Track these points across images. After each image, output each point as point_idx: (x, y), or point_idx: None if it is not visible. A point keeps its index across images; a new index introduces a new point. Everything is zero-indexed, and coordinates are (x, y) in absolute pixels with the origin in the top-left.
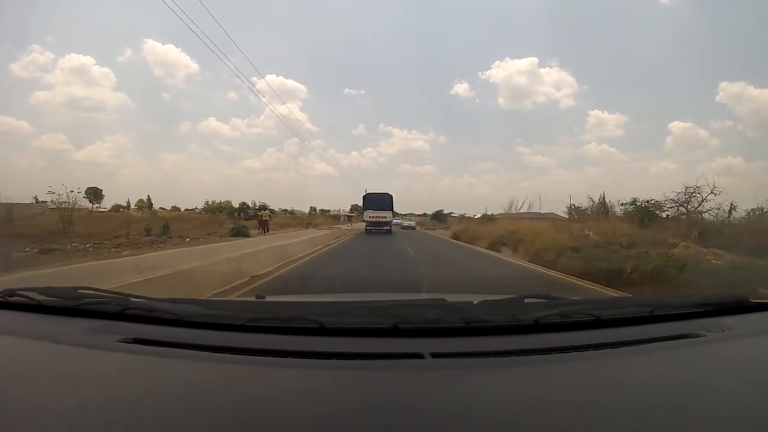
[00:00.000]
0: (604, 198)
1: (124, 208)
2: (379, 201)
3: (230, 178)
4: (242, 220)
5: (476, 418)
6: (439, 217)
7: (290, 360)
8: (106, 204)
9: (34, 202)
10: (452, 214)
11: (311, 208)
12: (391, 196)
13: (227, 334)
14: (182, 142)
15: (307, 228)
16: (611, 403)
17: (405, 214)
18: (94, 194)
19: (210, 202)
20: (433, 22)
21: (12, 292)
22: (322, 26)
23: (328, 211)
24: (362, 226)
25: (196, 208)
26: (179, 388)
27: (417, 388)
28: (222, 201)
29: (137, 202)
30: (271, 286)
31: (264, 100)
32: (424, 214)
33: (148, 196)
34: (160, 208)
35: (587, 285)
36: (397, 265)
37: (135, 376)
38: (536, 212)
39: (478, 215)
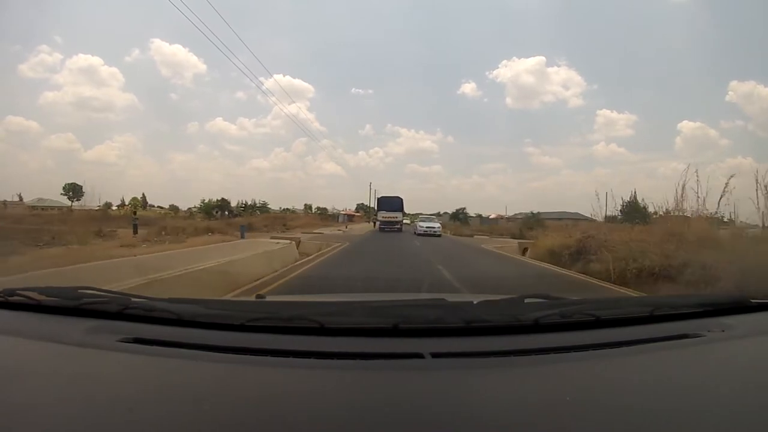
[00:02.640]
0: (635, 196)
1: (119, 206)
2: (391, 203)
3: (239, 178)
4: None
5: (476, 418)
6: (459, 217)
7: (290, 360)
8: (95, 202)
9: (18, 200)
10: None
11: (306, 205)
12: (402, 200)
13: (227, 333)
14: (190, 141)
15: (232, 240)
16: (611, 403)
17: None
18: (73, 191)
19: (206, 201)
20: (439, 21)
21: (12, 292)
22: (329, 26)
23: (325, 209)
24: (361, 230)
25: (194, 207)
26: (179, 387)
27: (417, 388)
28: (216, 199)
29: (131, 200)
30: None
31: (273, 99)
32: (438, 214)
33: (143, 195)
34: (159, 206)
35: None
36: None
37: (135, 375)
38: (557, 212)
39: (494, 215)
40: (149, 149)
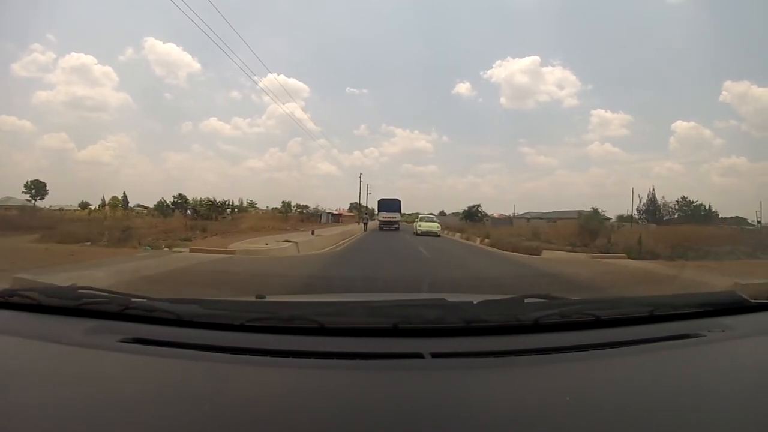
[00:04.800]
0: (654, 196)
1: (100, 206)
2: (390, 205)
3: (234, 178)
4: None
5: (476, 417)
6: (473, 216)
7: (290, 360)
8: (72, 201)
9: None
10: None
11: (283, 203)
12: (400, 201)
13: (227, 334)
14: (185, 141)
15: None
16: (611, 403)
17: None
18: (36, 188)
19: (160, 200)
20: (434, 21)
21: (12, 292)
22: (323, 26)
23: (306, 206)
24: (329, 243)
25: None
26: (179, 388)
27: (417, 388)
28: (176, 197)
29: (111, 199)
30: None
31: (270, 96)
32: (442, 213)
33: (124, 193)
34: (143, 206)
35: None
36: None
37: (135, 376)
38: (563, 211)
39: (496, 214)
40: (143, 149)
